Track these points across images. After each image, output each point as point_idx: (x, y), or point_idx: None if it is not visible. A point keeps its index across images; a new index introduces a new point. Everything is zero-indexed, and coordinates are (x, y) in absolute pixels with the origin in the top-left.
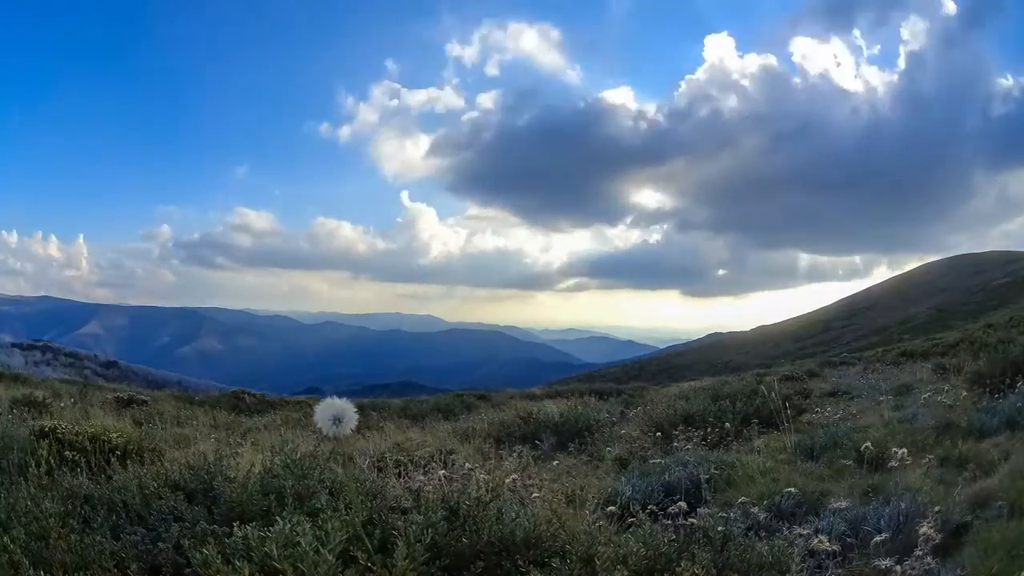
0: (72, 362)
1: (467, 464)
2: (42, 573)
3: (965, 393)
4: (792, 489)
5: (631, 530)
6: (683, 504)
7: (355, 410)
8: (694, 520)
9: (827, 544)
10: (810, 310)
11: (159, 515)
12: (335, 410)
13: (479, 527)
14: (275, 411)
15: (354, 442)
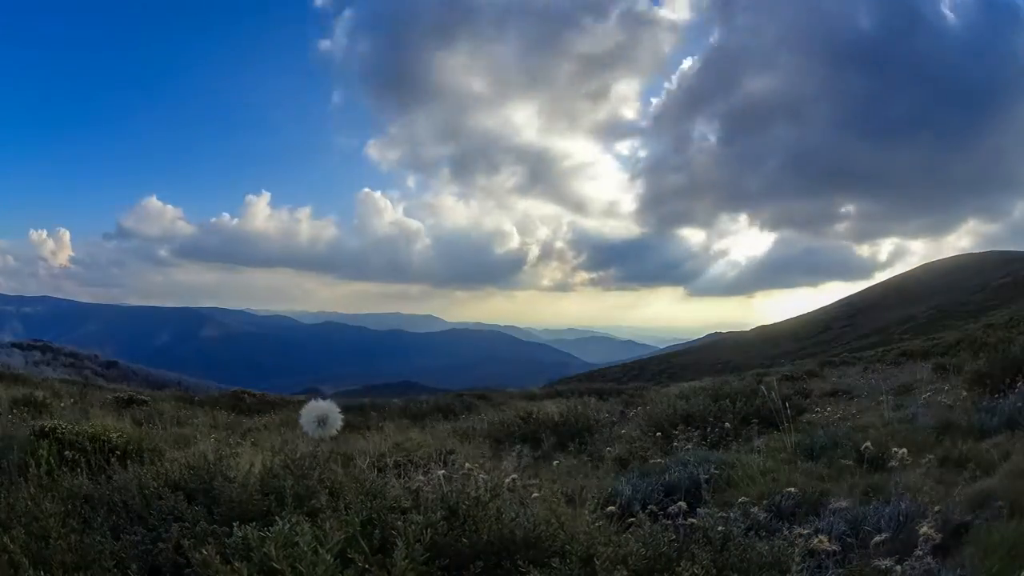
0: (72, 362)
1: (467, 464)
2: (42, 573)
3: (965, 393)
4: (792, 489)
5: (631, 530)
6: (683, 504)
7: (339, 411)
8: (694, 520)
9: (827, 544)
10: (810, 310)
11: (159, 515)
12: (319, 412)
13: (479, 527)
14: (275, 411)
15: (354, 442)
